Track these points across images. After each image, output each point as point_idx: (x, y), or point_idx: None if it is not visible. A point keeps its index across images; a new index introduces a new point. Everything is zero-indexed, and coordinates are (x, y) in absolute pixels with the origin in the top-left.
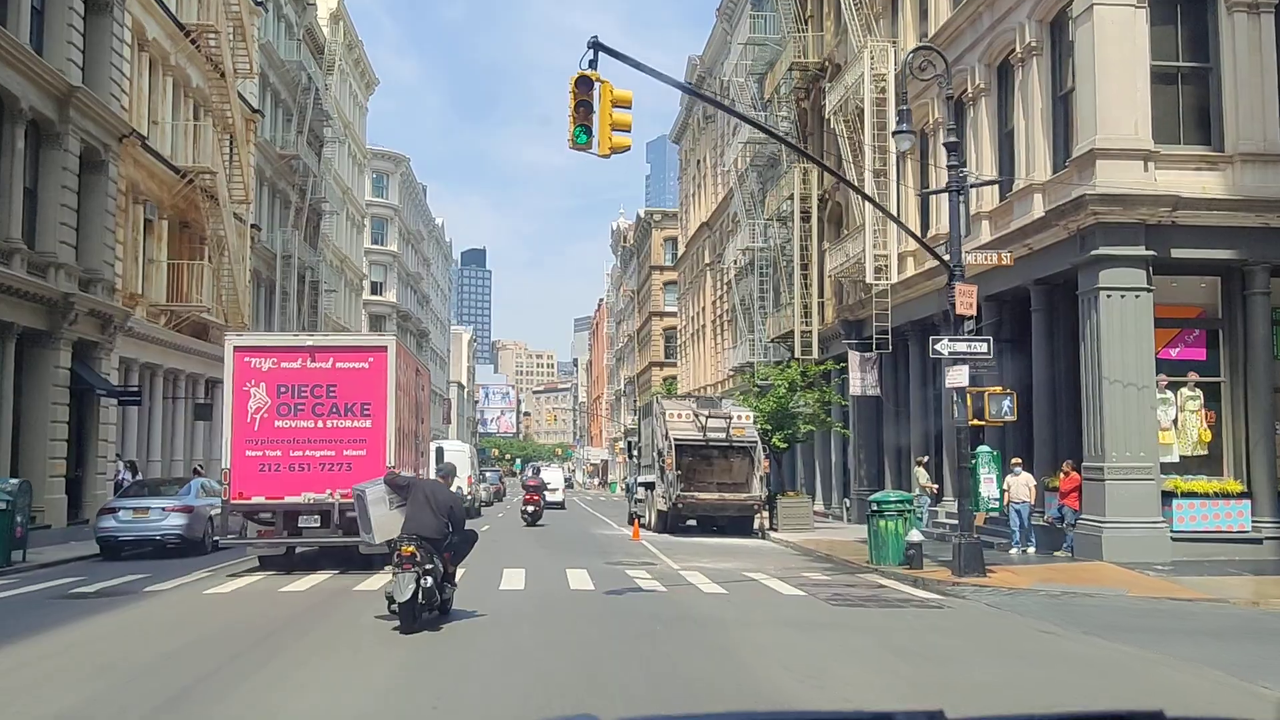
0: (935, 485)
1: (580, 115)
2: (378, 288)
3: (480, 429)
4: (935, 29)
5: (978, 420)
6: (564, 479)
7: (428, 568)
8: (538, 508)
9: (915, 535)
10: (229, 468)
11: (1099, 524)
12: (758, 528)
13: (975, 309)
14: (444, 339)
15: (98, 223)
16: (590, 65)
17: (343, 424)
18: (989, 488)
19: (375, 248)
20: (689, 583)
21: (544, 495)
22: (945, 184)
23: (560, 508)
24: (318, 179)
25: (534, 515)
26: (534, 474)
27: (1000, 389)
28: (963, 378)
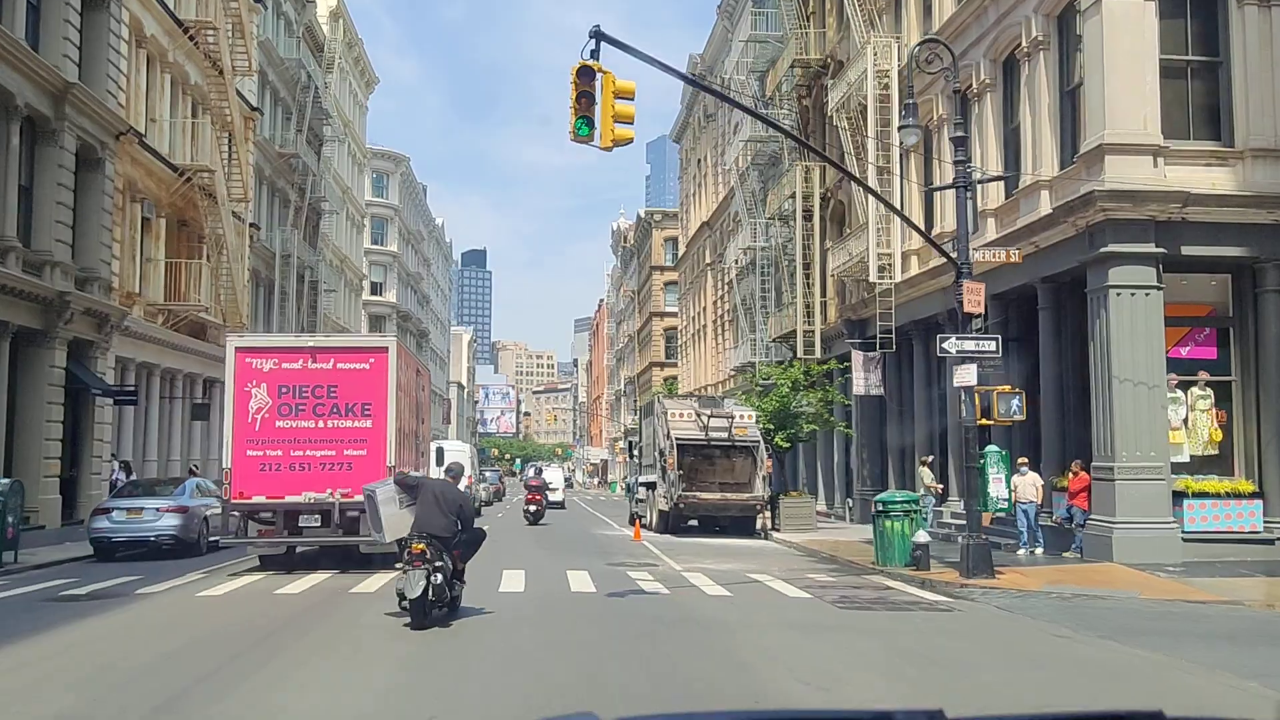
0: (940, 485)
1: (582, 106)
2: (378, 288)
3: (480, 429)
4: (939, 24)
5: (986, 419)
6: (564, 479)
7: (438, 565)
8: (540, 507)
9: (922, 536)
10: (230, 467)
11: (1109, 524)
12: (760, 528)
13: (983, 307)
14: (444, 339)
15: (94, 221)
16: (592, 55)
17: (343, 424)
18: (998, 488)
19: (375, 248)
20: (692, 585)
21: (546, 495)
22: (953, 179)
23: (560, 507)
24: (317, 178)
25: (536, 514)
26: (536, 474)
27: (1009, 387)
28: (971, 376)
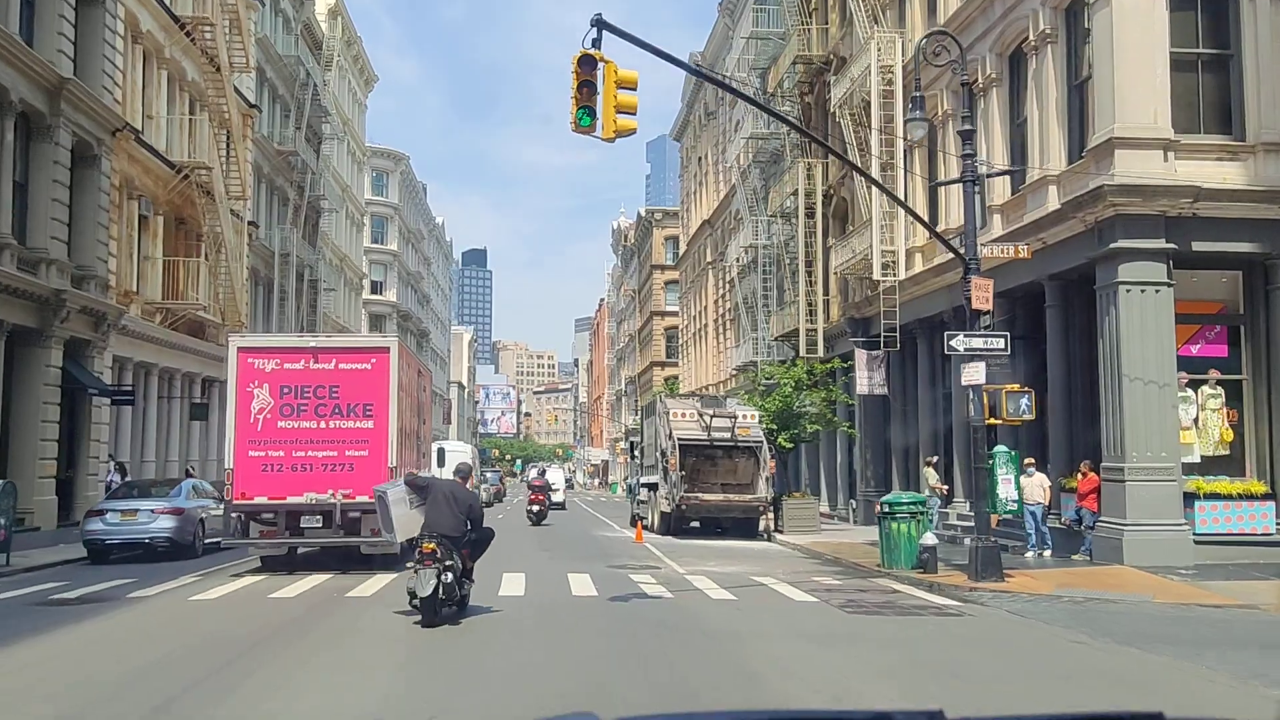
0: (945, 486)
1: (584, 96)
2: (378, 287)
3: (481, 429)
4: (945, 18)
5: (994, 419)
6: (565, 480)
7: (448, 564)
8: (543, 507)
9: (929, 538)
10: (232, 468)
11: (1119, 526)
12: (763, 530)
13: (990, 304)
14: (444, 339)
15: (90, 218)
16: (594, 44)
17: (345, 424)
18: (1007, 489)
19: (375, 247)
20: (696, 588)
21: (549, 495)
22: (960, 174)
23: (561, 508)
24: (316, 176)
25: (539, 515)
26: (540, 474)
27: (1018, 386)
28: (979, 375)
